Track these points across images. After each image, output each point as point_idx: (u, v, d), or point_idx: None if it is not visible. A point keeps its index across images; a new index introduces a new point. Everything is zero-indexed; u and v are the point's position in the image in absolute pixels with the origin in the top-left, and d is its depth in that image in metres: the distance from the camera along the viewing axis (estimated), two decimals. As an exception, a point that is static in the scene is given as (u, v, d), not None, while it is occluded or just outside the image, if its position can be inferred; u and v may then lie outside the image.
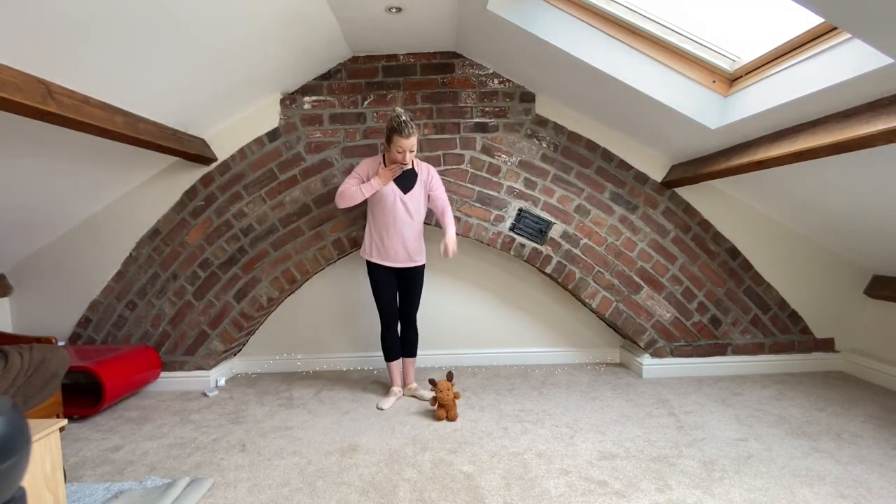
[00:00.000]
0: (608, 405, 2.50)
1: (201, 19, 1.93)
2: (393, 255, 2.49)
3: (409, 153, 2.34)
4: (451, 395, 2.35)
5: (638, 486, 1.75)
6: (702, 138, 2.44)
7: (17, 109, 1.66)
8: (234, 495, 1.75)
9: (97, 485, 1.83)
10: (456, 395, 2.38)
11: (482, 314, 3.23)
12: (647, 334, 2.93)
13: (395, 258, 2.50)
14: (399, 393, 2.66)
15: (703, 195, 2.91)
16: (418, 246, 2.53)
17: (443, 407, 2.35)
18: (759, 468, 1.84)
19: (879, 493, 1.66)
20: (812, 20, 1.76)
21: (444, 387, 2.34)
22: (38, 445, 1.25)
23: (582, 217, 2.92)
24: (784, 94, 1.87)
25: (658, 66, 2.28)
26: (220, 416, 2.48)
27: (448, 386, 2.35)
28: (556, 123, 2.90)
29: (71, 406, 2.53)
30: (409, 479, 1.82)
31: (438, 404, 2.35)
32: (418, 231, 2.53)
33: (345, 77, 2.90)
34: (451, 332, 3.24)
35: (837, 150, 1.76)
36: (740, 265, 2.93)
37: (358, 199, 2.39)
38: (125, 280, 2.95)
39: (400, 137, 2.28)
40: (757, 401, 2.50)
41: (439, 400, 2.34)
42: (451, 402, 2.35)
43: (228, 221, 2.92)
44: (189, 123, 2.64)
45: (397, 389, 2.66)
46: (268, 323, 3.25)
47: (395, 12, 2.37)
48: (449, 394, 2.34)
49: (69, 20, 1.60)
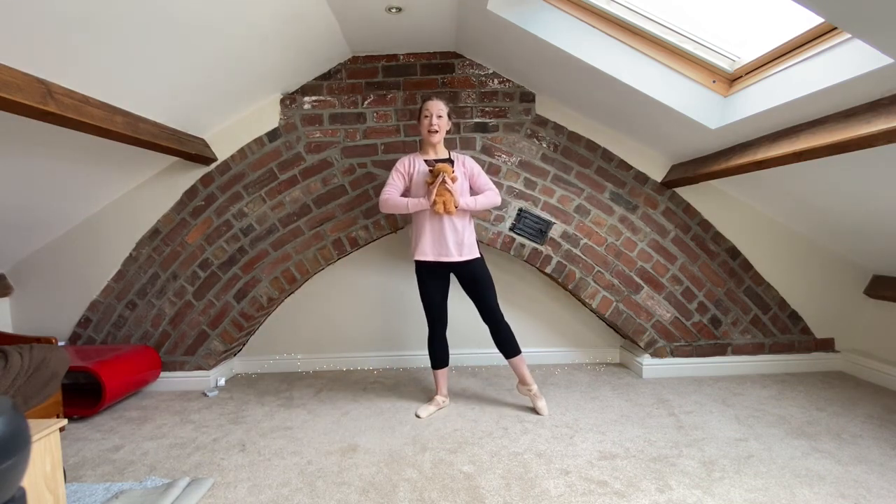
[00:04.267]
0: (608, 405, 2.50)
1: (201, 19, 1.93)
2: (436, 250, 2.34)
3: (436, 117, 2.32)
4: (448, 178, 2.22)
5: (638, 486, 1.75)
6: (702, 138, 2.44)
7: (17, 109, 1.66)
8: (234, 495, 1.75)
9: (97, 485, 1.83)
10: (452, 178, 2.25)
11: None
12: (647, 334, 2.93)
13: (439, 253, 2.34)
14: (442, 402, 2.49)
15: (703, 195, 2.91)
16: (465, 239, 2.36)
17: (441, 195, 2.22)
18: (759, 468, 1.84)
19: (879, 493, 1.66)
20: (812, 20, 1.77)
21: (441, 169, 2.22)
22: (38, 445, 1.25)
23: (582, 217, 2.92)
24: (784, 94, 1.87)
25: (658, 66, 2.28)
26: (220, 416, 2.48)
27: (447, 169, 2.22)
28: (556, 123, 2.90)
29: (71, 406, 2.53)
30: (409, 479, 1.82)
31: (436, 194, 2.22)
32: (463, 223, 2.36)
33: (345, 77, 2.90)
34: (451, 331, 3.23)
35: (837, 150, 1.76)
36: (740, 265, 2.93)
37: (402, 211, 2.33)
38: (125, 280, 2.95)
39: (427, 101, 2.34)
40: (757, 401, 2.50)
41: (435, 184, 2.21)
42: (447, 191, 2.23)
43: (228, 221, 2.92)
44: (189, 123, 2.64)
45: (441, 399, 2.49)
46: (268, 323, 3.25)
47: (395, 12, 2.37)
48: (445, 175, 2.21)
49: (69, 20, 1.60)
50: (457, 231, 2.34)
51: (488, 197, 2.38)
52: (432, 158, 2.41)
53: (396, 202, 2.33)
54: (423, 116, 2.36)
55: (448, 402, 2.55)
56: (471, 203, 2.33)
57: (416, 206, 2.30)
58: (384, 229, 2.91)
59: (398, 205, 2.33)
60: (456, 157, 2.43)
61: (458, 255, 2.34)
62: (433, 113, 2.33)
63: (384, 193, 2.36)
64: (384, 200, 2.35)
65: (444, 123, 2.36)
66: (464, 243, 2.36)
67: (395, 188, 2.37)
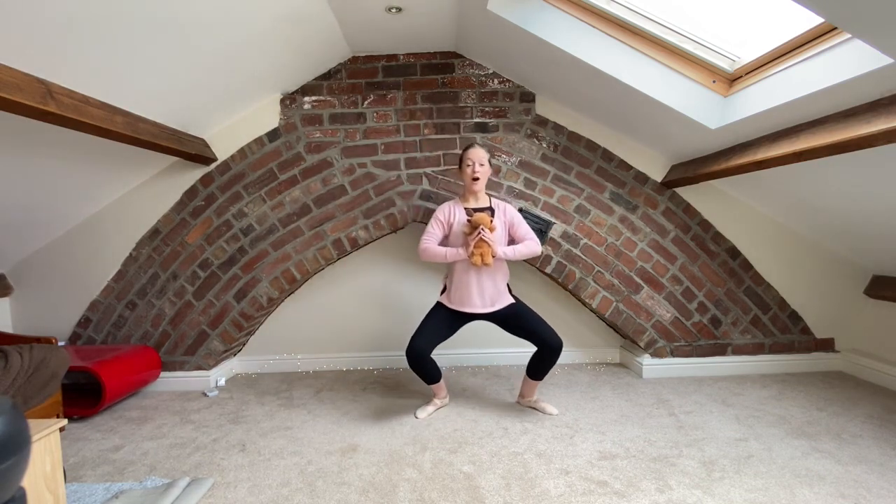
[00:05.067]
0: (608, 405, 2.50)
1: (201, 19, 1.93)
2: (469, 300, 2.32)
3: (478, 165, 2.30)
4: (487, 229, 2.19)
5: (638, 486, 1.75)
6: (702, 138, 2.44)
7: (17, 109, 1.66)
8: (234, 495, 1.75)
9: (97, 485, 1.83)
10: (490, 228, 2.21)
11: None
12: (647, 334, 2.93)
13: (472, 304, 2.32)
14: (440, 403, 2.48)
15: (703, 195, 2.91)
16: (499, 288, 2.35)
17: (479, 248, 2.19)
18: (759, 468, 1.84)
19: (879, 493, 1.66)
20: (812, 20, 1.77)
21: (480, 220, 2.18)
22: (38, 445, 1.25)
23: (582, 217, 2.92)
24: (784, 94, 1.87)
25: (658, 66, 2.28)
26: (220, 416, 2.48)
27: (485, 220, 2.18)
28: (556, 123, 2.90)
29: (71, 406, 2.52)
30: (409, 479, 1.82)
31: (474, 245, 2.20)
32: (499, 274, 2.34)
33: (345, 77, 2.90)
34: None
35: (837, 150, 1.76)
36: (740, 265, 2.93)
37: (440, 261, 2.30)
38: (125, 280, 2.95)
39: (468, 149, 2.33)
40: (757, 401, 2.50)
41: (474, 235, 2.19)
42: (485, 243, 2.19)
43: (228, 221, 2.92)
44: (189, 123, 2.64)
45: (439, 400, 2.47)
46: (268, 323, 3.25)
47: (395, 12, 2.37)
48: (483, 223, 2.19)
49: (69, 20, 1.60)
50: (493, 282, 2.32)
51: (528, 247, 2.33)
52: (472, 207, 2.37)
53: (435, 252, 2.31)
54: (464, 165, 2.33)
55: (448, 401, 2.54)
56: (509, 253, 2.28)
57: (455, 256, 2.27)
58: (384, 229, 2.91)
59: (437, 254, 2.30)
60: (497, 205, 2.40)
61: (491, 306, 2.33)
62: (475, 161, 2.31)
63: (423, 242, 2.35)
64: (423, 250, 2.34)
65: (486, 171, 2.34)
66: (498, 293, 2.34)
67: (433, 237, 2.35)
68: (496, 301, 2.34)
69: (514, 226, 2.39)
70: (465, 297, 2.33)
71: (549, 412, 2.40)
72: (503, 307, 2.35)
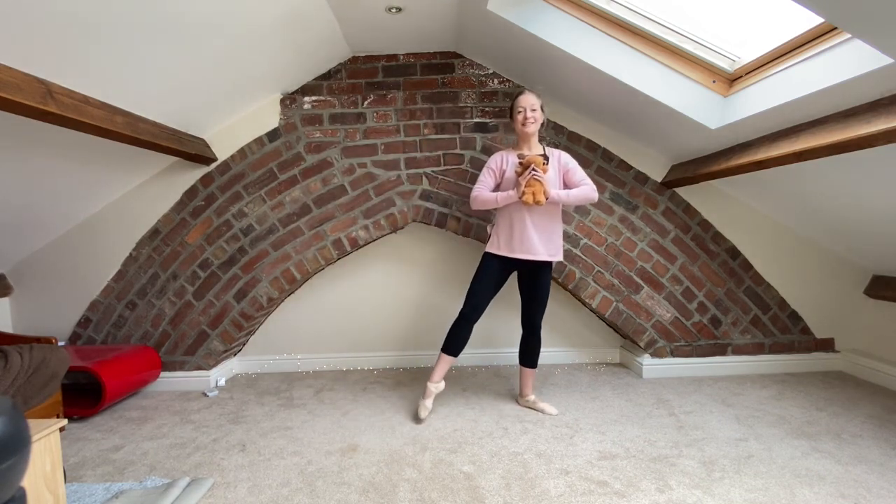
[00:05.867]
0: (608, 405, 2.50)
1: (201, 19, 1.93)
2: (522, 246, 2.25)
3: (529, 111, 2.26)
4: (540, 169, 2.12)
5: (638, 486, 1.75)
6: (702, 138, 2.44)
7: (17, 109, 1.65)
8: (234, 495, 1.75)
9: (97, 485, 1.83)
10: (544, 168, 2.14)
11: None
12: (647, 334, 2.93)
13: (525, 250, 2.25)
14: (435, 389, 2.37)
15: (703, 195, 2.91)
16: (553, 236, 2.29)
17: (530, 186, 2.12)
18: (759, 468, 1.84)
19: (879, 493, 1.66)
20: (812, 20, 1.77)
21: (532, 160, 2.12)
22: (38, 445, 1.25)
23: (582, 217, 2.92)
24: (784, 94, 1.87)
25: (658, 66, 2.28)
26: (220, 416, 2.48)
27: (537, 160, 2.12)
28: (556, 123, 2.90)
29: (71, 406, 2.52)
30: (409, 479, 1.82)
31: (525, 184, 2.13)
32: (552, 218, 2.29)
33: (345, 77, 2.90)
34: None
35: (837, 150, 1.76)
36: (740, 265, 2.93)
37: (491, 206, 2.28)
38: (125, 280, 2.95)
39: (519, 96, 2.29)
40: (757, 401, 2.50)
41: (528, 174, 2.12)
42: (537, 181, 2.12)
43: (228, 221, 2.92)
44: (189, 123, 2.64)
45: (433, 386, 2.37)
46: (268, 323, 3.25)
47: (395, 12, 2.37)
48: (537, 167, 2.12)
49: (69, 20, 1.60)
50: (546, 228, 2.27)
51: (583, 191, 2.27)
52: (525, 153, 2.30)
53: (486, 198, 2.28)
54: (516, 112, 2.29)
55: (443, 385, 2.41)
56: (563, 195, 2.22)
57: (506, 199, 2.23)
58: (384, 229, 2.91)
59: (487, 200, 2.27)
60: (551, 152, 2.34)
61: (545, 253, 2.27)
62: (526, 107, 2.26)
63: (474, 191, 2.32)
64: (474, 197, 2.31)
65: (538, 116, 2.28)
66: (552, 241, 2.29)
67: (485, 185, 2.33)
68: (551, 248, 2.28)
69: (569, 171, 2.33)
70: (524, 242, 2.25)
71: (549, 412, 2.40)
72: (550, 260, 2.30)
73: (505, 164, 2.34)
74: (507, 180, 2.32)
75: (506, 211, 2.31)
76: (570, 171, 2.34)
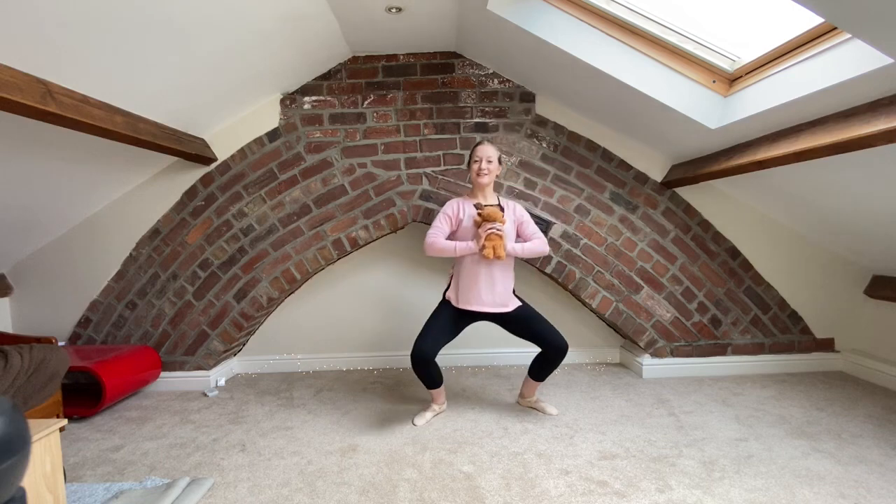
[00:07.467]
0: (608, 405, 2.50)
1: (201, 19, 1.93)
2: (478, 298, 2.27)
3: (485, 162, 2.29)
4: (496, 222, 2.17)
5: (638, 486, 1.75)
6: (702, 138, 2.44)
7: (17, 109, 1.66)
8: (234, 495, 1.75)
9: (97, 485, 1.83)
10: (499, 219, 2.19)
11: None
12: (647, 334, 2.93)
13: (479, 302, 2.28)
14: (438, 409, 2.42)
15: (703, 195, 2.91)
16: (508, 289, 2.32)
17: (491, 240, 2.16)
18: (759, 468, 1.84)
19: (879, 493, 1.66)
20: (812, 20, 1.77)
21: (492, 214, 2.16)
22: (38, 445, 1.25)
23: (582, 217, 2.92)
24: (784, 94, 1.87)
25: (658, 66, 2.28)
26: (220, 416, 2.48)
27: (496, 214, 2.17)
28: (556, 123, 2.90)
29: (71, 406, 2.52)
30: (409, 479, 1.82)
31: (485, 238, 2.16)
32: (505, 271, 2.31)
33: (345, 77, 2.90)
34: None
35: (837, 150, 1.76)
36: (740, 265, 2.93)
37: (448, 255, 2.26)
38: (125, 280, 2.95)
39: (477, 146, 2.33)
40: (757, 401, 2.50)
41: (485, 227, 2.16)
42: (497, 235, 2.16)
43: (228, 221, 2.92)
44: (189, 123, 2.64)
45: (437, 406, 2.42)
46: (268, 323, 3.25)
47: (395, 12, 2.37)
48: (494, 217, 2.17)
49: (69, 20, 1.60)
50: (503, 282, 2.29)
51: (536, 245, 2.33)
52: (482, 203, 2.35)
53: (443, 246, 2.26)
54: (472, 161, 2.33)
55: (445, 407, 2.46)
56: (518, 249, 2.27)
57: (465, 249, 2.24)
58: (384, 229, 2.91)
59: (445, 248, 2.26)
60: (505, 203, 2.39)
61: (502, 306, 2.29)
62: (483, 158, 2.30)
63: (430, 237, 2.30)
64: (430, 244, 2.29)
65: (494, 168, 2.32)
66: (507, 294, 2.31)
67: (441, 231, 2.31)
68: (507, 302, 2.31)
69: (523, 224, 2.38)
70: (475, 294, 2.28)
71: (549, 412, 2.40)
72: (513, 309, 2.32)
73: (462, 213, 2.32)
74: (463, 229, 2.30)
75: (462, 261, 2.31)
76: (524, 224, 2.38)
